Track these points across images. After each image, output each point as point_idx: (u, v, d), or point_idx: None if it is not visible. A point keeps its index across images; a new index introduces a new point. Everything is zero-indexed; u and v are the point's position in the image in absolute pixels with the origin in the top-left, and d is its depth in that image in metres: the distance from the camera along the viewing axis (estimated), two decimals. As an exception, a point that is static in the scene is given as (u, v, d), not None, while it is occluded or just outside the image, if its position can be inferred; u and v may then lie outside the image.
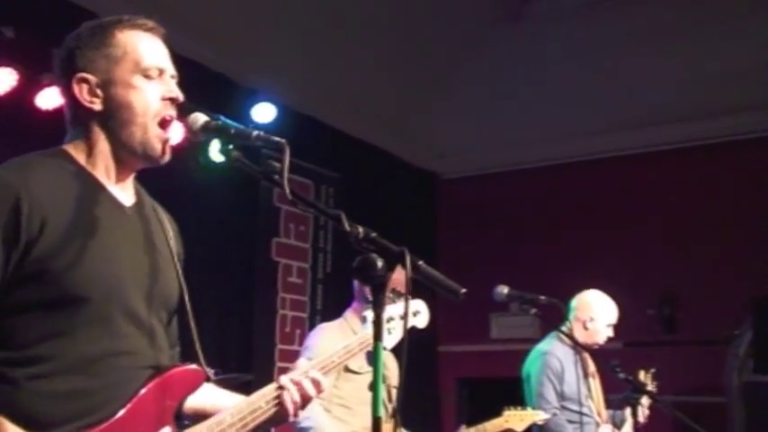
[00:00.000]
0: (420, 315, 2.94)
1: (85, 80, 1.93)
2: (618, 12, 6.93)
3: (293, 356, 6.73)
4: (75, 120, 1.97)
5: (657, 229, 7.67)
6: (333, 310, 5.87)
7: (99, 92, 1.93)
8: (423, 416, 7.25)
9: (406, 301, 1.64)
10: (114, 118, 1.93)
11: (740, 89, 7.03)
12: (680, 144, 7.73)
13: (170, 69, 2.00)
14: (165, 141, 1.95)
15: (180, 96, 1.97)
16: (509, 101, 7.76)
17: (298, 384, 2.14)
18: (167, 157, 1.98)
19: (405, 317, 1.64)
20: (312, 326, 6.99)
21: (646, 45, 7.07)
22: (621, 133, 7.88)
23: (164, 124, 1.95)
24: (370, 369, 3.91)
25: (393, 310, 2.64)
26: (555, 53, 7.33)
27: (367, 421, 3.83)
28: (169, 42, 2.05)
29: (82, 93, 1.93)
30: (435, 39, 7.05)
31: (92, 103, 1.93)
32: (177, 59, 2.06)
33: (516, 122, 7.97)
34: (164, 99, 1.95)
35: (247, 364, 6.30)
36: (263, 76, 6.59)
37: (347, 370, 3.85)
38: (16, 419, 1.72)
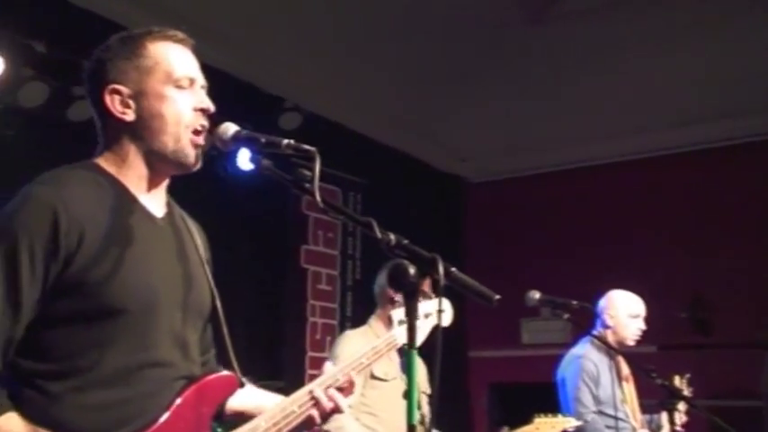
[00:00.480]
0: (444, 313, 2.91)
1: (117, 91, 1.94)
2: (646, 11, 6.87)
3: (323, 364, 6.73)
4: (107, 130, 1.99)
5: (688, 231, 7.59)
6: (362, 317, 5.87)
7: (131, 103, 1.94)
8: (454, 421, 7.22)
9: (439, 308, 1.63)
10: (146, 128, 1.93)
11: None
12: (710, 144, 7.65)
13: (201, 80, 2.01)
14: (197, 146, 1.96)
15: (211, 107, 1.98)
16: (534, 103, 7.71)
17: (329, 396, 2.15)
18: (199, 165, 1.98)
19: (437, 324, 1.63)
20: (342, 333, 7.01)
21: (673, 45, 6.99)
22: (650, 134, 7.81)
23: (196, 134, 1.96)
24: (396, 376, 3.92)
25: (423, 311, 2.61)
26: (579, 55, 7.28)
27: (394, 428, 3.83)
28: (195, 52, 2.06)
29: (114, 104, 1.94)
30: (459, 42, 7.03)
31: (123, 114, 1.94)
32: (203, 69, 2.07)
33: (541, 125, 7.92)
34: (195, 110, 1.96)
35: (278, 371, 6.32)
36: (288, 83, 6.62)
37: (373, 377, 3.86)
38: (53, 430, 1.73)
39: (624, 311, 4.70)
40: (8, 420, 1.70)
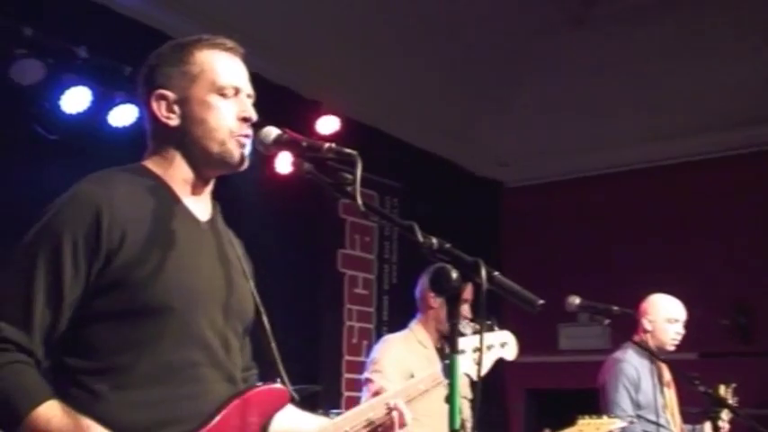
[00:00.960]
0: (508, 346, 2.85)
1: (163, 97, 1.98)
2: (685, 14, 6.80)
3: (360, 367, 6.73)
4: (155, 134, 2.03)
5: (730, 236, 7.47)
6: (399, 321, 5.85)
7: (176, 108, 1.97)
8: (491, 427, 7.18)
9: (483, 311, 1.61)
10: (189, 134, 1.97)
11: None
12: (751, 148, 7.53)
13: (246, 89, 2.03)
14: (242, 146, 1.98)
15: (253, 116, 1.99)
16: (573, 107, 7.66)
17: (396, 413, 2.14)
18: (246, 165, 2.00)
19: (480, 329, 1.62)
20: (379, 337, 7.00)
21: (712, 48, 6.91)
22: (691, 138, 7.70)
23: (240, 139, 1.98)
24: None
25: (480, 341, 2.59)
26: (619, 57, 7.22)
27: None
28: (246, 61, 2.07)
29: (160, 109, 1.98)
30: (497, 46, 7.01)
31: (168, 119, 1.98)
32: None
33: (580, 129, 7.87)
34: (238, 119, 1.97)
35: (314, 375, 6.33)
36: (326, 88, 6.64)
37: None
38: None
39: (663, 315, 4.64)
40: (50, 408, 1.72)
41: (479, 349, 2.61)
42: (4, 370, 1.73)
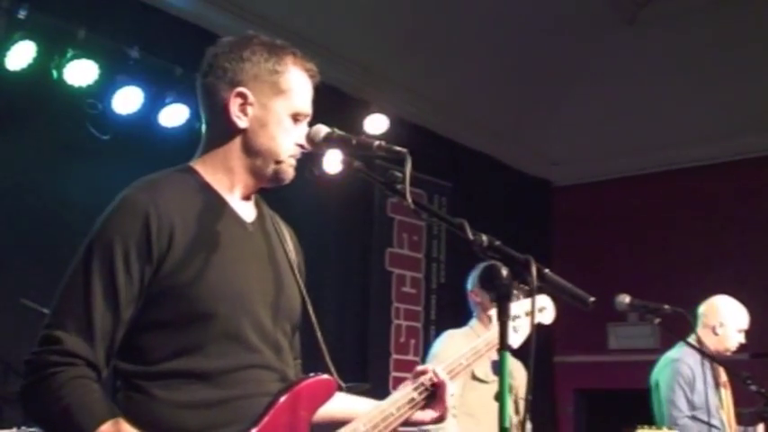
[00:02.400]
0: (546, 311, 2.81)
1: (243, 96, 1.95)
2: (735, 13, 6.68)
3: (408, 366, 6.75)
4: (214, 129, 2.00)
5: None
6: (447, 320, 5.85)
7: (249, 111, 1.95)
8: (539, 426, 7.12)
9: (533, 306, 1.61)
10: (253, 143, 1.95)
11: None
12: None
13: (309, 115, 2.03)
14: (293, 167, 1.99)
15: (307, 146, 1.99)
16: (623, 107, 7.59)
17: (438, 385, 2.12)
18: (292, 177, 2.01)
19: (537, 323, 1.61)
20: (426, 336, 7.02)
21: (764, 47, 6.79)
22: (742, 137, 7.60)
23: (293, 162, 2.00)
24: (495, 378, 3.87)
25: (518, 307, 2.56)
26: (670, 57, 7.13)
27: (492, 430, 3.78)
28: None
29: (234, 105, 1.95)
30: (548, 45, 6.95)
31: (238, 118, 1.95)
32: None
33: (631, 128, 7.80)
34: (296, 144, 1.98)
35: (363, 373, 6.35)
36: (375, 87, 6.65)
37: (474, 378, 3.81)
38: (153, 428, 1.77)
39: (734, 324, 4.62)
40: (114, 426, 1.72)
41: (525, 315, 2.58)
42: (70, 385, 1.73)
